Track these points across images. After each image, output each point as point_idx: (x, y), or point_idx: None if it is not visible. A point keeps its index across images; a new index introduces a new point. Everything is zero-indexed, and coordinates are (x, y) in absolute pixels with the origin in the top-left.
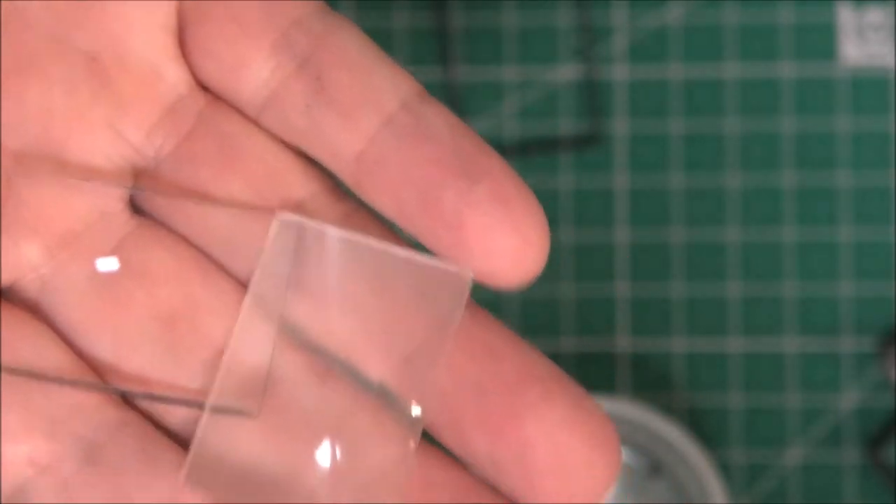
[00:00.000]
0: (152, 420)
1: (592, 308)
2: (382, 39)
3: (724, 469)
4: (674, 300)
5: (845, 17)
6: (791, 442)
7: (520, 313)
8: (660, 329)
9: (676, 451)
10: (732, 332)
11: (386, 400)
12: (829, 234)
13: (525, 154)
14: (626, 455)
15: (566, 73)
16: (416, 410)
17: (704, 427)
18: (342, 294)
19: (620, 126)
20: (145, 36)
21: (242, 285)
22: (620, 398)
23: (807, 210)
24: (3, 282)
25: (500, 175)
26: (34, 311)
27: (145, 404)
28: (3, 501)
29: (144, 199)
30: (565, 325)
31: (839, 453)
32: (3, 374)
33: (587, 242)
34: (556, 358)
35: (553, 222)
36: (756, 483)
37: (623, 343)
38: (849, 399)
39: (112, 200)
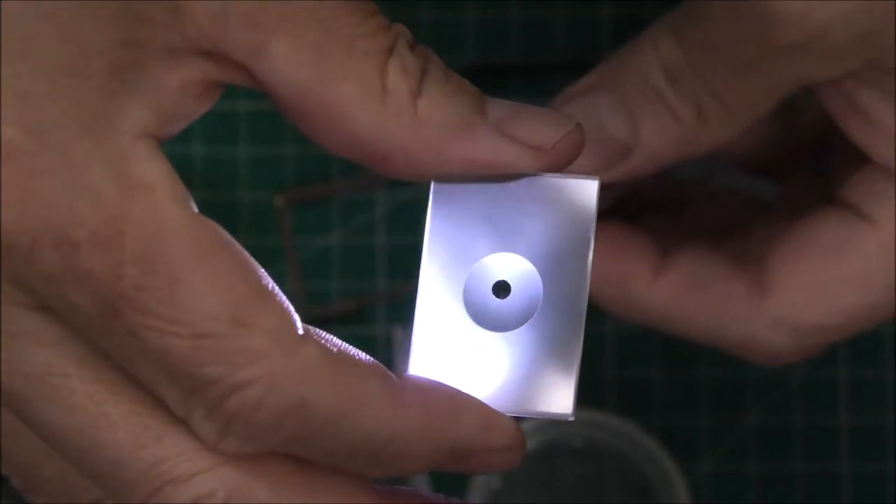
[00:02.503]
0: None
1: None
2: None
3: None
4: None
5: None
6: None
7: None
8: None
9: (655, 461)
10: (704, 361)
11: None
12: None
13: None
14: (618, 474)
15: None
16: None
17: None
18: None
19: None
20: None
21: None
22: (610, 414)
23: None
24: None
25: None
26: None
27: None
28: None
29: None
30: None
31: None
32: None
33: None
34: None
35: None
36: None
37: (610, 372)
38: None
39: None
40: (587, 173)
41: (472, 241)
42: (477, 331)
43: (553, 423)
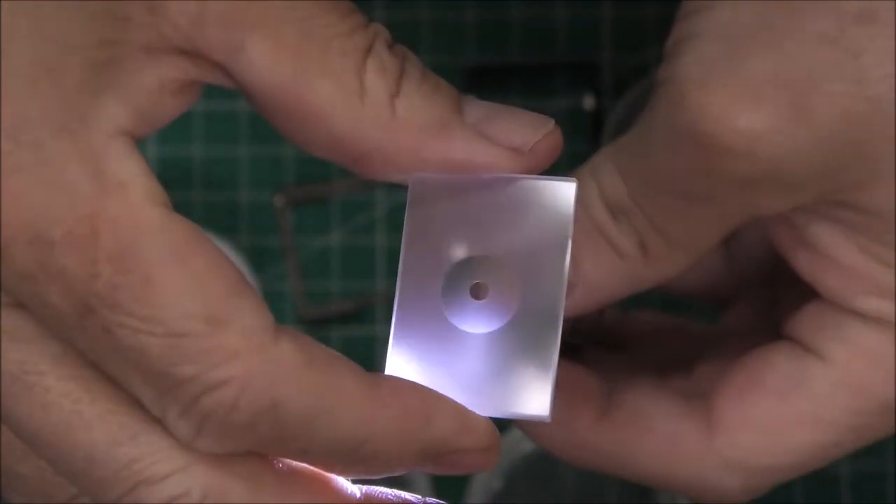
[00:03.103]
0: None
1: None
2: None
3: None
4: None
5: None
6: None
7: None
8: None
9: None
10: None
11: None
12: None
13: None
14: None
15: None
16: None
17: None
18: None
19: None
20: None
21: None
22: None
23: None
24: None
25: None
26: None
27: None
28: None
29: None
30: None
31: None
32: None
33: None
34: None
35: None
36: None
37: None
38: None
39: None
40: None
41: (450, 242)
42: (454, 331)
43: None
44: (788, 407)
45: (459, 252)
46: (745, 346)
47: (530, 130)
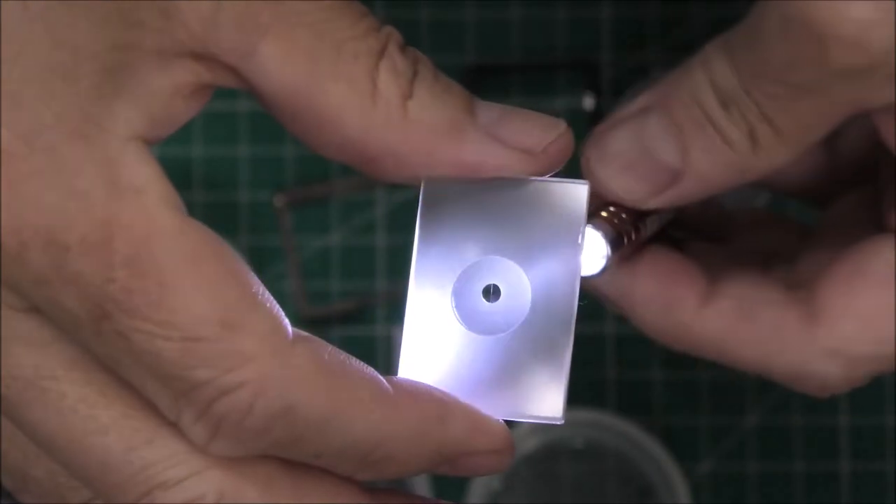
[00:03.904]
0: None
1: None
2: None
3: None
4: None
5: None
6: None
7: None
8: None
9: (655, 461)
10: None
11: None
12: None
13: None
14: (617, 478)
15: None
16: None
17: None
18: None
19: None
20: None
21: None
22: (610, 413)
23: None
24: None
25: None
26: None
27: None
28: None
29: None
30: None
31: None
32: None
33: None
34: None
35: None
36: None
37: (611, 372)
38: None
39: None
40: (634, 199)
41: (462, 244)
42: (466, 334)
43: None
44: (891, 297)
45: (472, 254)
46: (848, 241)
47: (542, 132)
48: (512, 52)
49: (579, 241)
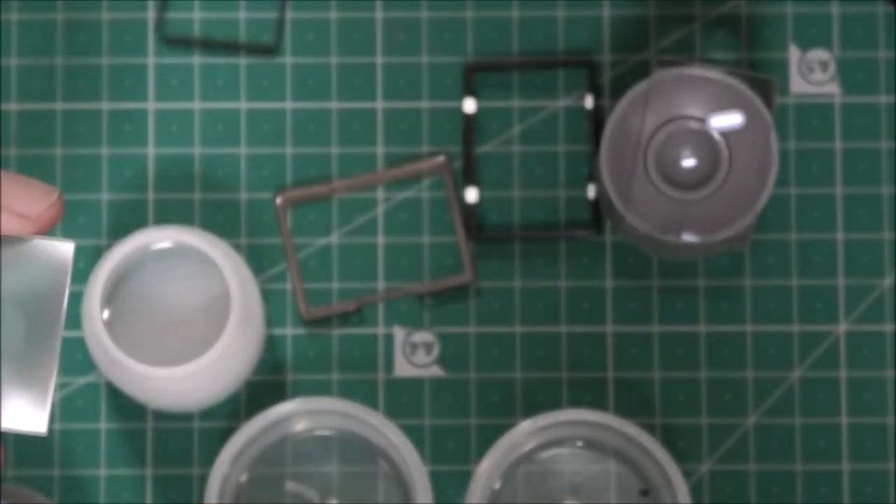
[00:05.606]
0: None
1: (583, 344)
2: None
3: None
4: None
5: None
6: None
7: (522, 349)
8: (642, 362)
9: (655, 461)
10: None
11: None
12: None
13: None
14: (618, 476)
15: None
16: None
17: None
18: None
19: None
20: None
21: None
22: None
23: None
24: None
25: None
26: None
27: None
28: None
29: None
30: (563, 359)
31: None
32: None
33: (578, 287)
34: (555, 383)
35: (554, 276)
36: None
37: (610, 373)
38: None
39: None
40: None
41: None
42: None
43: (553, 424)
44: None
45: None
46: None
47: (37, 201)
48: (512, 52)
49: (65, 286)
